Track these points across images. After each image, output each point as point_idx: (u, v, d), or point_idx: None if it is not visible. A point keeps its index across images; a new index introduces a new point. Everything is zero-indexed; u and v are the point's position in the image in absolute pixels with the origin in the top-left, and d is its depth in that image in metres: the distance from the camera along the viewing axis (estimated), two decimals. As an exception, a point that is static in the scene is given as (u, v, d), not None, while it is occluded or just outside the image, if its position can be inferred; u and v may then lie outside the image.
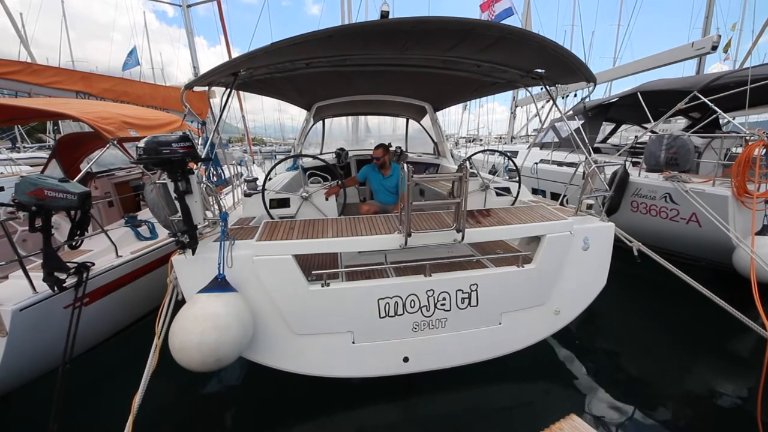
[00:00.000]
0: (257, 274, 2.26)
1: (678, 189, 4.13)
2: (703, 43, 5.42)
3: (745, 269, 3.36)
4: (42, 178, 2.17)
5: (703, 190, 3.98)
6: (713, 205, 3.82)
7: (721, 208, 3.79)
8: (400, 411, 2.60)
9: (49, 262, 2.29)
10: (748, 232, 3.62)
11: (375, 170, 4.01)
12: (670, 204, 4.31)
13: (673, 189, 4.21)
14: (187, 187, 2.16)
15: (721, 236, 3.70)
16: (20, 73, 4.87)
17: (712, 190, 3.93)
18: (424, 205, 3.17)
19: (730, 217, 3.78)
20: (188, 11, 9.19)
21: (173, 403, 2.78)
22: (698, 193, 3.96)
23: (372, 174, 4.05)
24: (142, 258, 3.10)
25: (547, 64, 2.88)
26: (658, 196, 4.43)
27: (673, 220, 4.31)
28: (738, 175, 3.69)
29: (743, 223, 3.75)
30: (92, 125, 3.12)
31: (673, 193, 4.23)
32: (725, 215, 3.77)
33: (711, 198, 3.88)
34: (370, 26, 2.24)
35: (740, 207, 3.77)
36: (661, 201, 4.40)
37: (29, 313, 2.28)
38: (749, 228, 3.62)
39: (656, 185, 4.43)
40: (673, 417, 2.56)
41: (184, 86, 2.96)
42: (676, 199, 4.21)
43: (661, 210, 4.43)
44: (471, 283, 2.46)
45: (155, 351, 2.07)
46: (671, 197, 4.28)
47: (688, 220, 4.13)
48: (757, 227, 3.61)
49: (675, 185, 4.18)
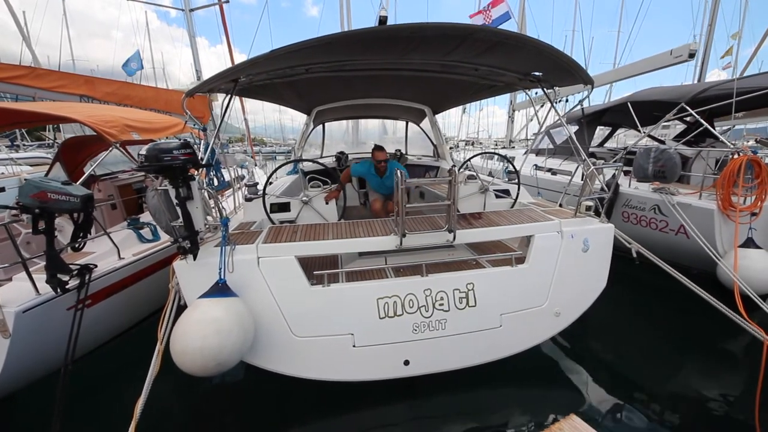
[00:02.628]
0: (261, 276, 2.30)
1: (665, 202, 4.17)
2: (681, 50, 5.57)
3: (728, 282, 3.42)
4: (45, 181, 2.19)
5: (689, 203, 4.03)
6: (700, 217, 3.88)
7: (707, 221, 3.85)
8: (400, 413, 2.61)
9: (52, 264, 2.31)
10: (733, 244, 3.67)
11: (372, 171, 4.03)
12: (659, 215, 4.35)
13: (661, 201, 4.26)
14: (189, 193, 2.19)
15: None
16: (24, 77, 4.92)
17: (698, 204, 3.98)
18: (417, 208, 3.25)
19: (716, 230, 3.83)
20: (191, 15, 9.26)
21: (174, 407, 2.78)
22: (685, 207, 4.01)
23: (369, 175, 4.07)
24: (144, 260, 3.15)
25: (544, 67, 2.91)
26: (647, 207, 4.48)
27: (662, 231, 4.35)
28: (723, 189, 3.75)
29: (729, 236, 3.79)
30: (96, 129, 3.17)
31: (662, 204, 4.28)
32: (711, 228, 3.83)
33: (697, 211, 3.94)
34: (370, 33, 2.26)
35: (726, 220, 3.82)
36: (651, 212, 4.45)
37: (32, 314, 2.31)
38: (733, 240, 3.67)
39: (645, 197, 4.49)
40: (672, 417, 2.57)
41: (185, 93, 3.00)
42: (665, 211, 4.25)
43: (651, 221, 4.47)
44: (467, 282, 2.50)
45: (158, 356, 2.10)
46: (660, 209, 4.33)
47: (677, 231, 4.17)
48: (741, 239, 3.68)
49: (663, 197, 4.23)
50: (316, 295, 2.35)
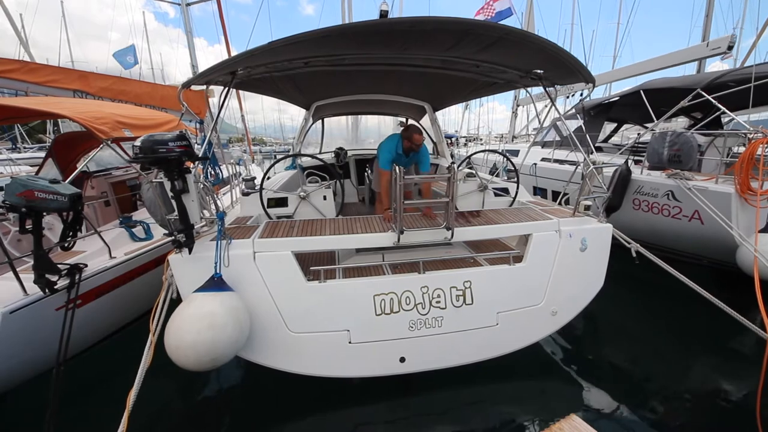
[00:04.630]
0: (257, 271, 2.28)
1: (681, 186, 4.09)
2: (720, 42, 5.22)
3: (749, 267, 3.33)
4: (32, 180, 2.13)
5: (706, 187, 3.93)
6: (716, 202, 3.77)
7: (724, 206, 3.75)
8: (397, 411, 2.60)
9: (40, 264, 2.26)
10: (752, 229, 3.57)
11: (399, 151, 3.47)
12: (672, 201, 4.26)
13: (676, 186, 4.17)
14: (184, 186, 2.16)
15: (724, 234, 3.65)
16: (17, 71, 4.81)
17: (715, 188, 3.88)
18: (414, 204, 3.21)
19: (733, 215, 3.73)
20: (187, 10, 9.15)
21: (168, 401, 2.77)
22: (701, 191, 3.92)
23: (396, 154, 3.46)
24: (136, 259, 3.07)
25: (546, 65, 2.88)
26: (660, 193, 4.38)
27: (675, 218, 4.27)
28: (741, 173, 3.65)
29: (746, 221, 3.70)
30: (85, 125, 3.07)
31: (676, 190, 4.19)
32: (728, 213, 3.73)
33: (714, 195, 3.84)
34: (368, 26, 2.23)
35: (743, 204, 3.72)
36: (663, 199, 4.35)
37: (20, 315, 2.24)
38: (752, 225, 3.57)
39: (658, 182, 4.39)
40: (672, 417, 2.56)
41: (181, 84, 2.93)
42: (679, 197, 4.17)
43: (663, 208, 4.38)
44: (464, 280, 2.51)
45: (150, 347, 2.06)
46: (674, 195, 4.23)
47: (690, 217, 4.08)
48: (761, 224, 3.55)
49: (678, 182, 4.14)
50: (312, 290, 2.34)
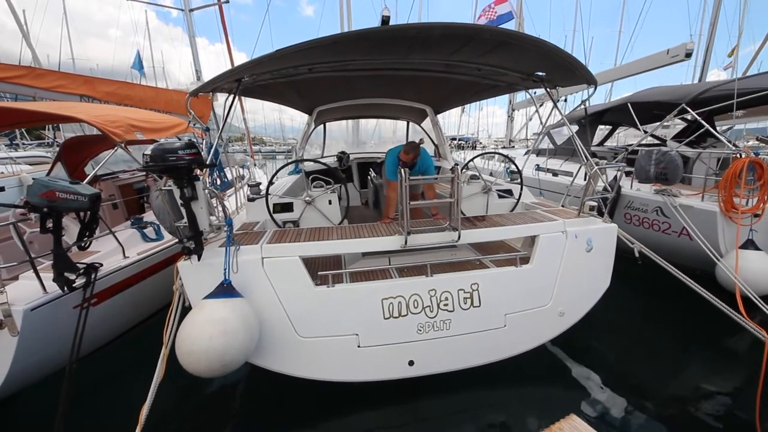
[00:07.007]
0: (266, 276, 2.29)
1: (668, 204, 4.18)
2: (678, 50, 5.51)
3: (727, 284, 3.43)
4: (54, 180, 2.19)
5: (692, 206, 4.02)
6: (702, 219, 3.87)
7: (710, 223, 3.86)
8: (404, 414, 2.61)
9: (59, 262, 2.33)
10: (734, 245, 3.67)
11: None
12: (661, 217, 4.35)
13: (663, 203, 4.26)
14: (193, 193, 2.17)
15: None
16: (24, 77, 4.93)
17: (700, 206, 3.97)
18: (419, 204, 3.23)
19: (719, 232, 3.84)
20: (191, 15, 9.25)
21: (178, 408, 2.77)
22: (687, 209, 4.01)
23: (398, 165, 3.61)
24: (148, 259, 3.16)
25: (548, 67, 2.92)
26: (649, 209, 4.48)
27: (665, 233, 4.35)
28: (725, 191, 3.75)
29: (732, 237, 3.80)
30: (101, 128, 3.17)
31: (664, 207, 4.28)
32: (714, 230, 3.84)
33: (700, 213, 3.94)
34: (376, 32, 2.25)
35: (728, 222, 3.83)
36: (653, 214, 4.44)
37: (40, 312, 2.32)
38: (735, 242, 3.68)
39: (648, 199, 4.48)
40: (673, 417, 2.57)
41: (189, 93, 3.01)
42: (667, 213, 4.25)
43: (653, 223, 4.47)
44: (472, 282, 2.51)
45: (163, 360, 2.08)
46: (662, 211, 4.33)
47: (680, 233, 4.17)
48: (742, 240, 3.67)
49: (665, 199, 4.23)
50: (320, 295, 2.35)
